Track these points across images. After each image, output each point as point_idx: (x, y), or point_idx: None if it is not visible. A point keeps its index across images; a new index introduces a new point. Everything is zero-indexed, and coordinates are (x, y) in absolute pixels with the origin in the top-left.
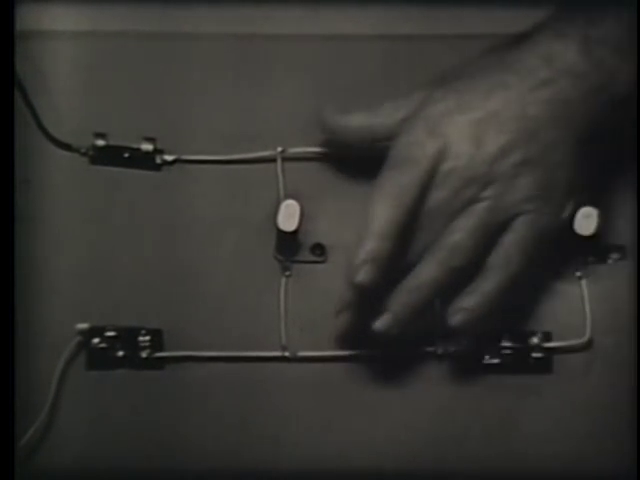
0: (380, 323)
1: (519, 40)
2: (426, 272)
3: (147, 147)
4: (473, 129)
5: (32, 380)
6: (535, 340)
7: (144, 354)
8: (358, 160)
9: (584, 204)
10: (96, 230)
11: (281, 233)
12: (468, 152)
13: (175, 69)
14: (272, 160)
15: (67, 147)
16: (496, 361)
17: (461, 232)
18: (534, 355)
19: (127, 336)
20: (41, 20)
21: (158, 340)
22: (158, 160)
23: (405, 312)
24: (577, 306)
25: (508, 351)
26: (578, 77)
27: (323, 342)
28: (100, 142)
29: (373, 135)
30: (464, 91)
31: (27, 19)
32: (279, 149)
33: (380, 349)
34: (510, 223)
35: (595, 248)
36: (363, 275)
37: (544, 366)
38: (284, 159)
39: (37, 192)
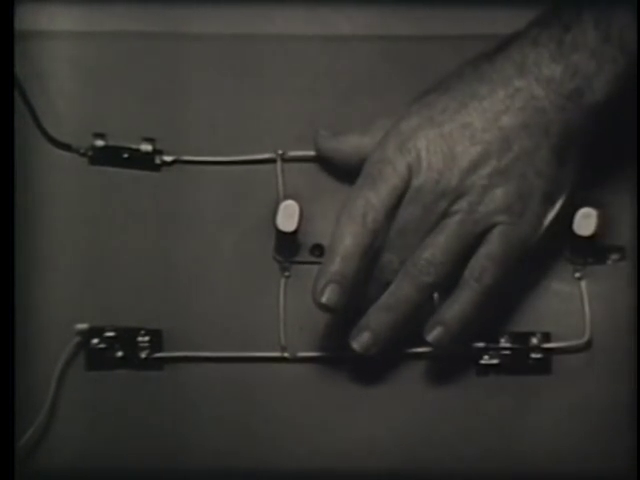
0: (358, 342)
1: (495, 50)
2: (400, 290)
3: (146, 148)
4: (445, 142)
5: (31, 380)
6: (534, 341)
7: (143, 354)
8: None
9: (583, 205)
10: (95, 231)
11: (280, 234)
12: (439, 166)
13: (175, 69)
14: (272, 161)
15: (67, 147)
16: (495, 362)
17: (432, 248)
18: (533, 356)
19: (126, 336)
20: (40, 20)
21: (157, 340)
22: (157, 161)
23: (383, 330)
24: (576, 307)
25: (507, 352)
26: (552, 84)
27: (322, 343)
28: (99, 142)
29: (364, 155)
30: (437, 104)
31: (26, 19)
32: (279, 151)
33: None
34: (485, 235)
35: (594, 249)
36: (328, 296)
37: (543, 367)
38: (284, 160)
39: (36, 192)
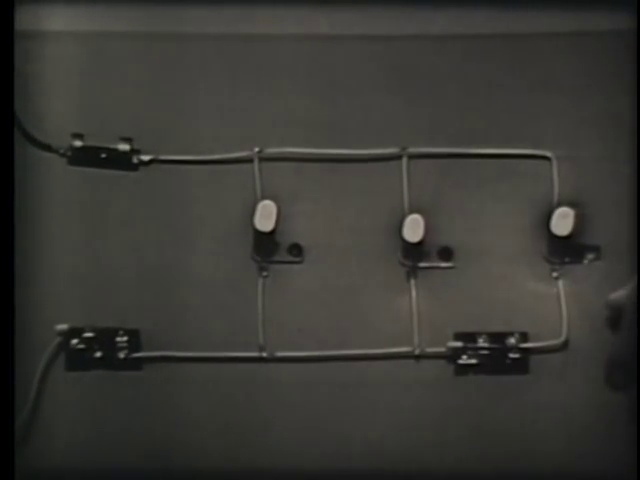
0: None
1: None
2: None
3: (124, 147)
4: None
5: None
6: (512, 341)
7: (122, 355)
8: (336, 161)
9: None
10: (73, 231)
11: (258, 233)
12: None
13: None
14: (249, 160)
15: (47, 148)
16: (473, 362)
17: None
18: (511, 355)
19: (105, 337)
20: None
21: (135, 341)
22: (135, 160)
23: None
24: (554, 306)
25: (485, 352)
26: None
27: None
28: (77, 143)
29: None
30: None
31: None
32: (256, 149)
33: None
34: None
35: (571, 248)
36: None
37: (521, 367)
38: (261, 159)
39: (17, 194)
